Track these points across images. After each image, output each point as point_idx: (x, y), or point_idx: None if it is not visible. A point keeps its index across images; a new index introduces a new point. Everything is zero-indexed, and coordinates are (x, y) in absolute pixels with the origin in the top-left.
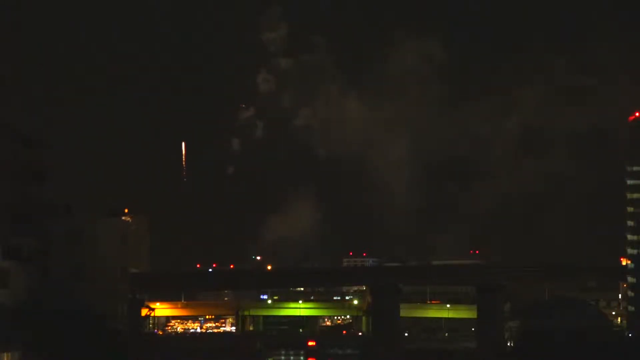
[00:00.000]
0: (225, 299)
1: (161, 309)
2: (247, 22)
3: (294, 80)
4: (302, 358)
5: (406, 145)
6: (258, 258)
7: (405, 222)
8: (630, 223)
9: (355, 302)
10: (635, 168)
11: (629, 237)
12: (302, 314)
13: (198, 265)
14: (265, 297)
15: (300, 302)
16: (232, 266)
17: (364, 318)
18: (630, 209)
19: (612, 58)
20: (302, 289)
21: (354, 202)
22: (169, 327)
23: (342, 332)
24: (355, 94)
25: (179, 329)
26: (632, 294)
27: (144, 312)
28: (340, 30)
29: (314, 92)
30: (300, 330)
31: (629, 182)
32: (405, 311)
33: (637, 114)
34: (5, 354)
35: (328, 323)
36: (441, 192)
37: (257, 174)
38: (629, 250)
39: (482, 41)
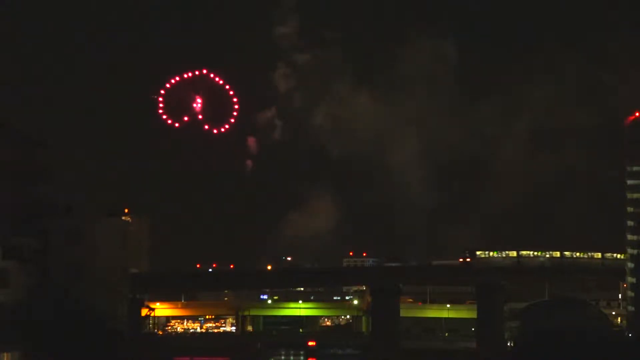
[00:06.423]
0: (226, 299)
1: (161, 309)
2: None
3: (307, 77)
4: (302, 358)
5: (416, 144)
6: (289, 259)
7: (412, 222)
8: (630, 223)
9: (355, 302)
10: (635, 168)
11: (629, 237)
12: (302, 314)
13: (198, 266)
14: (265, 297)
15: (300, 302)
16: (232, 266)
17: (364, 318)
18: (630, 209)
19: (619, 56)
20: (302, 289)
21: (361, 201)
22: (169, 327)
23: (342, 332)
24: (367, 92)
25: (179, 329)
26: (632, 294)
27: (144, 312)
28: (352, 28)
29: (325, 90)
30: (300, 330)
31: (629, 182)
32: (405, 311)
33: (637, 114)
34: (5, 354)
35: (328, 323)
36: (446, 192)
37: (267, 174)
38: (629, 250)
39: (488, 40)
